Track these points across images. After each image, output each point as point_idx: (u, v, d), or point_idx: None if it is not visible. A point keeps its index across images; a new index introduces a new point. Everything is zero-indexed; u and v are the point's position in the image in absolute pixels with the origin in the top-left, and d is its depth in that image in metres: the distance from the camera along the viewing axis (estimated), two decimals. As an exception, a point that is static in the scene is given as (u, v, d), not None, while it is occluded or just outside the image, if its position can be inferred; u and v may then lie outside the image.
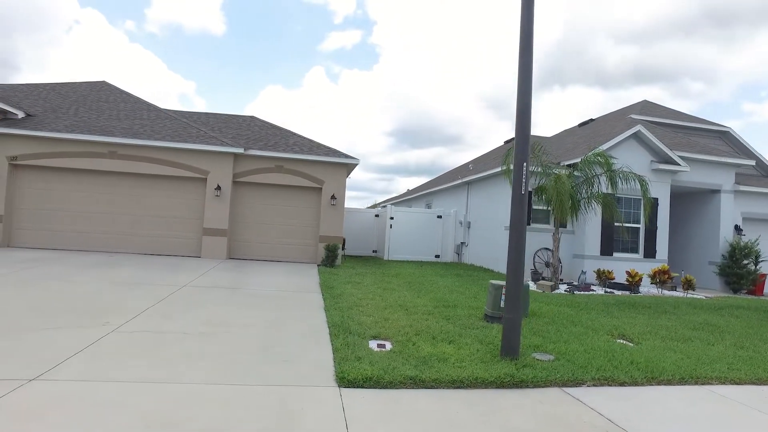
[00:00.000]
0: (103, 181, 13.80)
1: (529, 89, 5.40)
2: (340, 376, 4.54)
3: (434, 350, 5.50)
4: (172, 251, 13.90)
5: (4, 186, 13.28)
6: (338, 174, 15.00)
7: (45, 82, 17.84)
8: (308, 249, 14.87)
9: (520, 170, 5.31)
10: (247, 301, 8.09)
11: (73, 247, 13.49)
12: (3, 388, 3.83)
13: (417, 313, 7.64)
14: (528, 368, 5.03)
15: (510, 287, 5.38)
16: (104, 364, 4.57)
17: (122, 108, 15.87)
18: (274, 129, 16.80)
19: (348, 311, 7.51)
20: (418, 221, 18.43)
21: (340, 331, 6.23)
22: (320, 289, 9.83)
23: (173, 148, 13.80)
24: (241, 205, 14.57)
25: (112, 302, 7.31)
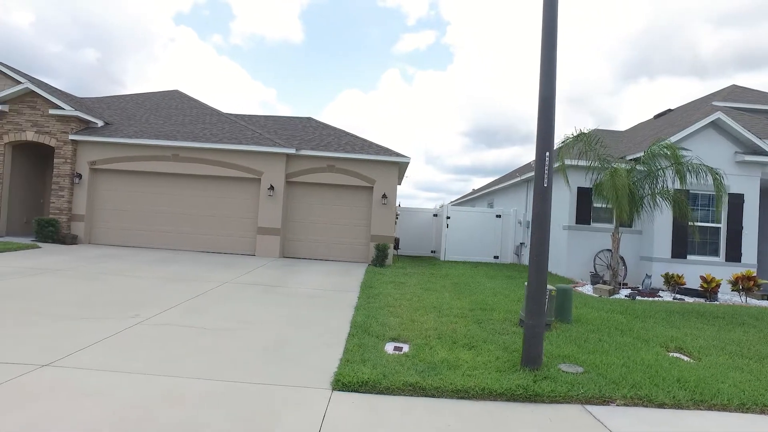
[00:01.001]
0: (167, 183, 14.63)
1: (553, 74, 4.90)
2: (337, 378, 4.34)
3: (449, 356, 5.14)
4: (229, 249, 14.44)
5: (86, 188, 14.47)
6: (389, 173, 14.82)
7: (126, 94, 19.30)
8: (359, 248, 14.83)
9: (543, 160, 4.80)
10: (279, 300, 8.11)
11: (142, 244, 14.41)
12: (15, 372, 4.04)
13: (449, 316, 7.26)
14: (547, 381, 4.53)
15: (532, 290, 4.89)
16: (115, 354, 4.70)
17: (188, 114, 16.76)
18: (328, 129, 16.96)
19: (376, 311, 7.29)
20: (476, 221, 17.80)
21: (359, 332, 6.03)
22: (359, 288, 9.69)
23: (229, 150, 14.33)
24: (294, 204, 14.83)
25: (152, 296, 7.62)
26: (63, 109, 14.24)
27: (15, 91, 14.30)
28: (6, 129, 14.48)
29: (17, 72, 15.12)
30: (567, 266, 12.86)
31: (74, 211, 14.41)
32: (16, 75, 14.92)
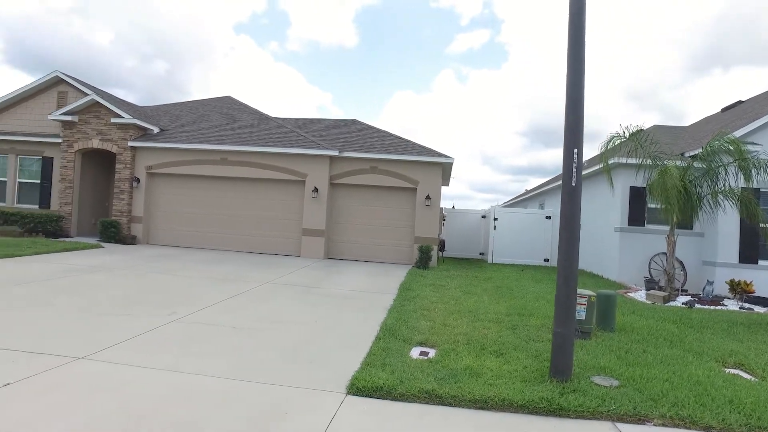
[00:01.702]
0: (216, 186, 15.18)
1: (581, 68, 4.60)
2: (352, 382, 4.26)
3: (474, 362, 4.94)
4: (275, 250, 14.77)
5: (143, 192, 15.29)
6: (433, 173, 14.62)
7: (182, 101, 20.25)
8: (403, 250, 14.72)
9: (571, 158, 4.51)
10: (314, 301, 8.16)
11: (193, 245, 15.03)
12: (54, 363, 4.28)
13: (483, 321, 7.02)
14: (576, 394, 4.23)
15: (560, 295, 4.60)
16: (145, 350, 4.87)
17: (237, 119, 17.33)
18: (372, 131, 16.98)
19: (409, 314, 7.17)
20: (525, 222, 17.22)
21: (387, 335, 5.94)
22: (397, 290, 9.59)
23: (274, 153, 14.66)
24: (338, 206, 14.95)
25: (193, 295, 7.89)
26: (123, 117, 15.12)
27: (83, 103, 15.34)
28: (76, 137, 15.56)
29: (85, 85, 16.22)
30: (618, 270, 12.14)
31: (133, 213, 15.27)
32: (84, 88, 16.01)
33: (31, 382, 3.91)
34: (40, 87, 16.43)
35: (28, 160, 16.57)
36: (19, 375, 4.00)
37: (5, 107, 16.75)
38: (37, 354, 4.53)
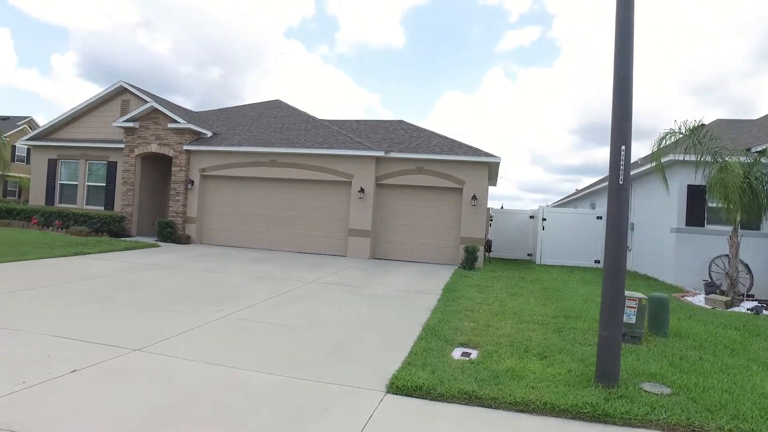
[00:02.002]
0: (265, 187, 15.65)
1: (629, 57, 4.42)
2: (392, 381, 4.30)
3: (516, 364, 4.85)
4: (321, 250, 15.04)
5: (197, 193, 15.99)
6: (479, 173, 14.45)
7: (233, 106, 21.00)
8: (449, 250, 14.63)
9: (618, 155, 4.35)
10: (358, 300, 8.26)
11: (243, 244, 15.56)
12: (113, 354, 4.57)
13: (528, 322, 6.87)
14: (623, 400, 4.08)
15: (606, 297, 4.44)
16: (192, 344, 5.11)
17: (285, 121, 17.78)
18: (419, 131, 16.97)
19: (452, 315, 7.13)
20: (575, 223, 16.68)
21: (429, 336, 5.94)
22: (441, 291, 9.56)
23: (321, 154, 14.94)
24: (384, 206, 15.04)
25: (241, 293, 8.18)
26: (179, 122, 15.87)
27: (143, 110, 16.23)
28: (137, 143, 16.49)
29: (145, 93, 17.15)
30: (675, 273, 11.53)
31: (188, 214, 15.98)
32: (144, 95, 16.93)
33: (95, 369, 4.19)
34: (106, 96, 17.53)
35: (96, 164, 17.70)
36: (84, 363, 4.29)
37: (77, 117, 18.00)
38: (100, 345, 4.84)
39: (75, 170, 17.95)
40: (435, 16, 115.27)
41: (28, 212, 16.92)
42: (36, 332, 5.15)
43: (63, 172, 18.12)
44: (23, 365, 4.19)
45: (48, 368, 4.13)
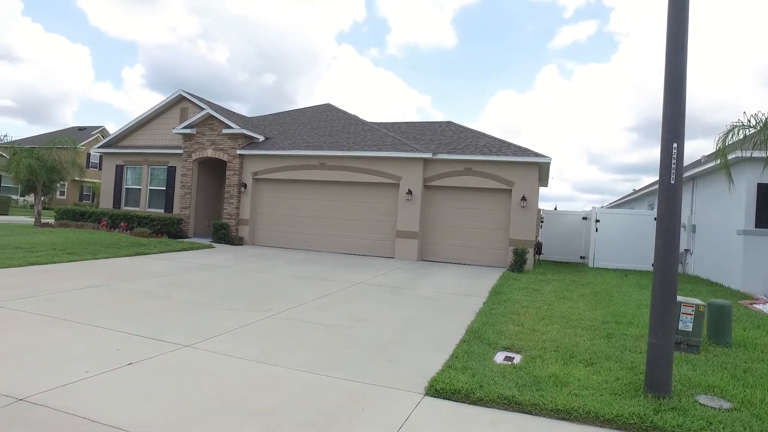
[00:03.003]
0: (314, 189, 15.99)
1: (683, 52, 4.19)
2: (431, 384, 4.29)
3: (560, 370, 4.71)
4: (369, 252, 15.19)
5: (249, 196, 16.57)
6: (529, 174, 14.12)
7: (285, 110, 21.61)
8: (497, 252, 14.38)
9: (669, 153, 4.15)
10: (403, 302, 8.28)
11: (292, 245, 15.96)
12: (166, 349, 4.84)
13: (576, 327, 6.66)
14: (675, 413, 3.87)
15: (656, 303, 4.24)
16: (240, 342, 5.32)
17: (335, 125, 18.10)
18: (467, 132, 16.80)
19: (497, 318, 7.02)
20: (631, 224, 15.95)
21: (472, 338, 5.88)
22: (488, 293, 9.43)
23: (369, 157, 15.09)
24: (431, 208, 14.99)
25: (288, 293, 8.41)
26: (232, 128, 16.51)
27: (199, 117, 17.02)
28: (194, 148, 17.31)
29: (202, 100, 17.96)
30: (743, 278, 10.78)
31: (241, 216, 16.59)
32: (201, 103, 17.73)
33: (149, 363, 4.45)
34: (167, 105, 18.52)
35: (157, 169, 18.73)
36: (139, 356, 4.57)
37: (141, 125, 19.14)
38: (155, 340, 5.13)
39: (139, 175, 19.07)
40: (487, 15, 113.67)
41: (98, 215, 18.13)
42: (99, 326, 5.52)
43: (128, 177, 19.30)
44: (87, 356, 4.51)
45: (108, 360, 4.43)
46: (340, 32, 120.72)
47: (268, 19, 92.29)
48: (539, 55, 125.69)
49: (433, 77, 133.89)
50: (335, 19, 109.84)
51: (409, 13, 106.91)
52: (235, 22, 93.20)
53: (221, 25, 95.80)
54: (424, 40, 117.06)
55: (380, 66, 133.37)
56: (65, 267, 9.55)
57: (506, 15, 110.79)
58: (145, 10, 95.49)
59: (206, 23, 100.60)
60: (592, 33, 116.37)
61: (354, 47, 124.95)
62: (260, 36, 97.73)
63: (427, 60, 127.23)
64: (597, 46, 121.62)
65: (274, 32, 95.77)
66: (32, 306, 6.29)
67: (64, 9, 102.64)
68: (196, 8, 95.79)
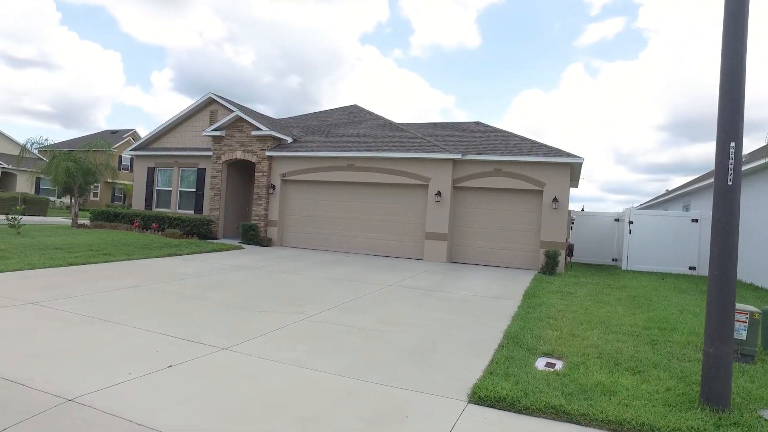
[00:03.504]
0: (342, 191, 16.00)
1: (743, 36, 3.99)
2: (473, 391, 4.18)
3: (607, 379, 4.54)
4: (397, 253, 15.10)
5: (278, 197, 16.68)
6: (560, 175, 13.83)
7: (312, 112, 21.71)
8: (528, 254, 14.12)
9: (726, 153, 3.94)
10: (436, 304, 8.17)
11: (320, 247, 16.00)
12: (203, 352, 4.84)
13: (617, 333, 6.44)
14: (738, 428, 3.66)
15: (712, 311, 4.03)
16: (277, 344, 5.29)
17: (362, 126, 18.09)
18: (496, 133, 16.57)
19: (534, 323, 6.85)
20: (666, 226, 15.47)
21: (510, 343, 5.74)
22: (521, 296, 9.24)
23: (398, 158, 15.02)
24: (461, 209, 14.83)
25: (320, 295, 8.39)
26: (261, 130, 16.66)
27: (228, 119, 17.23)
28: (223, 150, 17.52)
29: (231, 102, 18.19)
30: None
31: (269, 217, 16.71)
32: (230, 105, 17.95)
33: (188, 365, 4.45)
34: (197, 108, 18.81)
35: (187, 171, 19.03)
36: (178, 358, 4.58)
37: (172, 127, 19.48)
38: (193, 342, 5.15)
39: (169, 177, 19.41)
40: (511, 15, 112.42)
41: (131, 216, 18.52)
42: (138, 327, 5.58)
43: (159, 179, 19.67)
44: (128, 357, 4.55)
45: (149, 361, 4.46)
46: (363, 34, 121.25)
47: (293, 22, 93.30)
48: (565, 54, 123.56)
49: (456, 77, 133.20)
50: (359, 20, 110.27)
51: (433, 13, 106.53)
52: (260, 25, 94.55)
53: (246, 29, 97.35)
54: (448, 41, 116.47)
55: (404, 67, 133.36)
56: (102, 267, 9.75)
57: (531, 14, 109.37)
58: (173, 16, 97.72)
59: (232, 27, 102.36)
60: (620, 30, 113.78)
61: (377, 48, 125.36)
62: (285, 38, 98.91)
63: (450, 60, 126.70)
64: (625, 43, 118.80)
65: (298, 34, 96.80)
66: (73, 306, 6.41)
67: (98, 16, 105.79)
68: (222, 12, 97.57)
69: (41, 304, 6.38)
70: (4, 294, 6.81)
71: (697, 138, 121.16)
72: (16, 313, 5.91)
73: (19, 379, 3.84)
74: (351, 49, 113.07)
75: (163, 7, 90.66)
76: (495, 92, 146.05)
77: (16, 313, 5.94)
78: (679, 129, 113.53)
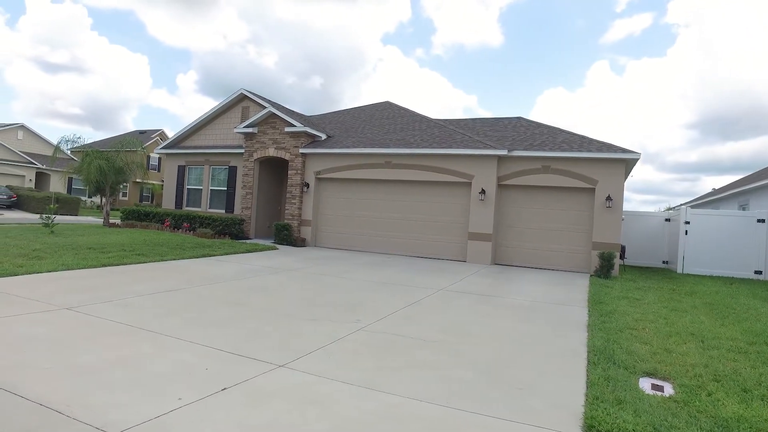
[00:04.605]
0: (380, 189, 15.32)
1: None
2: (589, 423, 3.44)
3: (746, 411, 3.75)
4: (438, 255, 14.36)
5: (312, 196, 16.11)
6: (614, 172, 12.90)
7: (344, 109, 21.13)
8: (578, 256, 13.23)
9: None
10: (495, 312, 7.43)
11: (356, 247, 15.35)
12: (258, 370, 4.20)
13: (718, 348, 5.60)
14: None
15: None
16: (339, 361, 4.63)
17: (398, 122, 17.40)
18: (541, 128, 15.68)
19: (616, 334, 6.06)
20: (727, 226, 14.33)
21: (601, 360, 4.97)
22: (586, 303, 8.44)
23: (439, 155, 14.28)
24: (506, 208, 14.01)
25: (370, 300, 7.72)
26: (295, 126, 16.12)
27: (261, 115, 16.75)
28: (255, 147, 17.05)
29: (263, 99, 17.71)
30: None
31: (303, 217, 16.15)
32: (262, 101, 17.48)
33: (244, 388, 3.82)
34: (228, 104, 18.40)
35: (218, 169, 18.65)
36: (232, 379, 3.95)
37: (203, 125, 19.14)
38: (243, 357, 4.53)
39: (200, 175, 19.06)
40: (534, 12, 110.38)
41: (162, 215, 18.22)
42: (180, 337, 4.99)
43: (190, 178, 19.34)
44: (175, 376, 3.95)
45: (199, 382, 3.84)
46: (385, 34, 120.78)
47: (316, 23, 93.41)
48: (590, 51, 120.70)
49: (479, 77, 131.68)
50: (381, 21, 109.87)
51: (455, 12, 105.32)
52: (283, 27, 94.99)
53: (270, 30, 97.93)
54: (470, 40, 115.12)
55: (426, 66, 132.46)
56: (136, 269, 9.29)
57: (554, 11, 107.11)
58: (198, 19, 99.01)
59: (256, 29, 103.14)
60: (648, 26, 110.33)
61: (399, 48, 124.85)
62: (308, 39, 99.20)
63: (472, 59, 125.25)
64: (652, 39, 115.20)
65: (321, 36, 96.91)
66: (109, 311, 5.88)
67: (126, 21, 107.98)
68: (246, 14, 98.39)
69: (76, 309, 5.87)
70: (38, 297, 6.34)
71: (729, 136, 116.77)
72: (50, 319, 5.40)
73: (53, 403, 3.26)
74: (373, 50, 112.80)
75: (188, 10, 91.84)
76: (518, 91, 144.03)
77: (51, 318, 5.43)
78: (709, 127, 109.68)
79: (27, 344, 4.52)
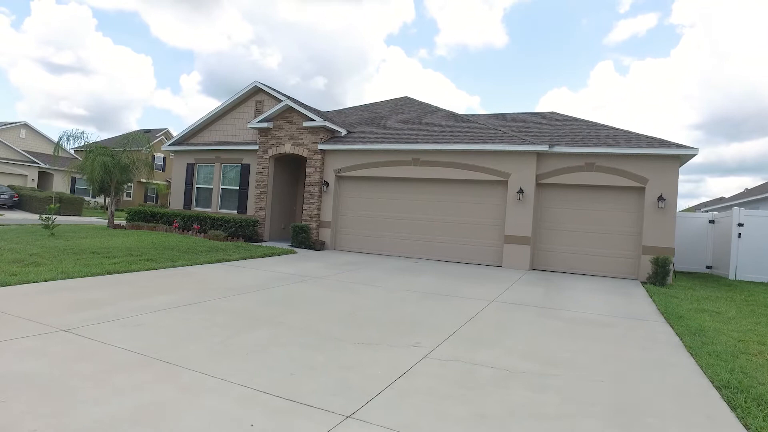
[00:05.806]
0: (405, 188, 14.21)
1: None
2: None
3: None
4: (470, 259, 13.24)
5: (332, 196, 15.00)
6: (667, 169, 11.77)
7: (361, 104, 20.06)
8: (626, 261, 12.09)
9: None
10: (567, 329, 6.31)
11: (380, 251, 14.23)
12: (320, 425, 3.10)
13: None
14: None
15: None
16: (418, 406, 3.53)
17: (423, 118, 16.29)
18: (579, 123, 14.55)
19: (733, 362, 4.95)
20: (788, 229, 13.19)
21: (747, 401, 3.89)
22: (662, 317, 7.33)
23: (472, 151, 13.15)
24: (545, 209, 12.89)
25: (417, 316, 6.62)
26: (314, 120, 15.03)
27: (277, 110, 15.67)
28: (270, 144, 15.97)
29: (278, 92, 16.62)
30: None
31: (322, 218, 15.05)
32: (277, 95, 16.40)
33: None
34: (241, 98, 17.31)
35: (229, 167, 17.57)
36: (286, 441, 2.85)
37: (213, 120, 18.06)
38: (294, 403, 3.43)
39: (210, 174, 18.00)
40: (538, 13, 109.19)
41: (170, 216, 17.17)
42: (208, 373, 3.89)
43: (199, 176, 18.27)
44: (209, 439, 2.85)
45: (245, 450, 2.74)
46: (389, 34, 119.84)
47: (319, 24, 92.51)
48: (594, 52, 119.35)
49: (482, 77, 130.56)
50: (384, 21, 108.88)
51: (459, 13, 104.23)
52: (286, 28, 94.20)
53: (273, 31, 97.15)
54: (474, 40, 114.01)
55: (429, 67, 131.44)
56: (145, 276, 8.21)
57: (558, 12, 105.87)
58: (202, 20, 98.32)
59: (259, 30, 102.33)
60: (652, 26, 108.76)
61: (403, 49, 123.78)
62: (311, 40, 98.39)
63: (476, 60, 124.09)
64: (656, 39, 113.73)
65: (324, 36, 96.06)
66: (116, 334, 4.79)
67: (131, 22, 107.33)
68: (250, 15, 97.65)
69: (75, 332, 4.78)
70: (31, 315, 5.25)
71: (734, 137, 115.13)
72: (43, 347, 4.29)
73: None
74: (376, 51, 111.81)
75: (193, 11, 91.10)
76: (522, 92, 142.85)
77: (44, 346, 4.33)
78: (715, 127, 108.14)
79: (9, 388, 3.42)
